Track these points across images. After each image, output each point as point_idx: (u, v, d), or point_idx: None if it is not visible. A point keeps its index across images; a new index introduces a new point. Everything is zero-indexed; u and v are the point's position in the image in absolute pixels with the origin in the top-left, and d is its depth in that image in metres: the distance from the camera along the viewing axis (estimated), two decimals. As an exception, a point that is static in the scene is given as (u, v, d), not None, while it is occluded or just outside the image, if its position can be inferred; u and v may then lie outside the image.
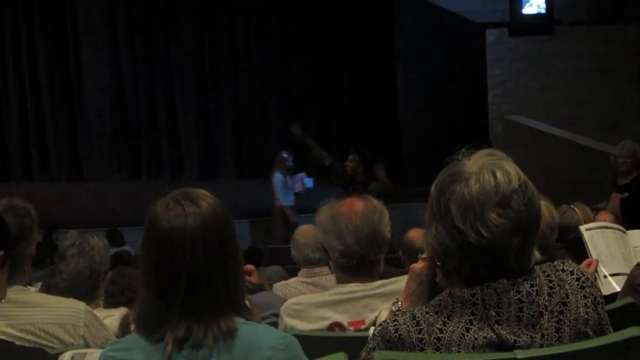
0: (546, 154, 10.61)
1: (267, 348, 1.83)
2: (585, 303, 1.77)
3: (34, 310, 2.55)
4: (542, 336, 1.72)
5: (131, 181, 15.51)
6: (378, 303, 2.69)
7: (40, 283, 3.77)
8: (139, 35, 15.98)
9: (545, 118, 11.66)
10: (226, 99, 15.87)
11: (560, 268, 1.80)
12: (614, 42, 12.22)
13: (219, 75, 15.87)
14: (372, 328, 2.49)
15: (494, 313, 1.71)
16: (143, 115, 16.10)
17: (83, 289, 3.22)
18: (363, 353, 1.83)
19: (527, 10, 12.25)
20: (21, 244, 2.61)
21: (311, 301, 2.80)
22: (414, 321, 1.75)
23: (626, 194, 6.99)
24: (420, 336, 1.73)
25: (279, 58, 15.58)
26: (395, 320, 1.78)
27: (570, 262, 1.85)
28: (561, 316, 1.74)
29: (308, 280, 4.16)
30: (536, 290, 1.73)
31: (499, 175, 1.75)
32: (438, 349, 1.72)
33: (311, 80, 15.54)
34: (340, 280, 2.78)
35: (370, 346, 1.81)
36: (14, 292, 2.54)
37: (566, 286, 1.77)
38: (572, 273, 1.80)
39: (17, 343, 2.22)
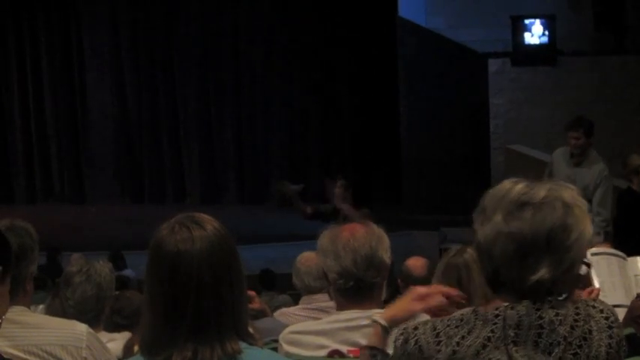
0: (548, 184, 10.61)
1: (269, 372, 1.85)
2: (609, 343, 1.75)
3: (37, 331, 2.57)
4: None
5: (134, 206, 15.55)
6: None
7: (41, 306, 3.79)
8: (143, 60, 16.09)
9: (547, 148, 11.66)
10: (229, 124, 15.94)
11: (591, 304, 1.80)
12: (615, 73, 12.28)
13: (222, 100, 15.96)
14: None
15: (512, 334, 1.72)
16: (146, 140, 16.16)
17: (89, 315, 3.23)
18: None
19: (529, 40, 12.32)
20: (22, 264, 2.62)
21: (309, 329, 2.81)
22: (434, 332, 1.77)
23: None
24: (438, 348, 1.75)
25: (281, 86, 15.66)
26: (416, 329, 1.80)
27: (602, 301, 1.85)
28: (579, 350, 1.73)
29: (309, 306, 4.16)
30: (560, 320, 1.73)
31: (520, 185, 1.80)
32: None
33: (313, 108, 15.61)
34: (340, 306, 2.79)
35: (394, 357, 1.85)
36: (16, 314, 2.56)
37: (592, 322, 1.75)
38: (601, 311, 1.78)
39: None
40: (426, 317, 2.22)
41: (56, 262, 9.71)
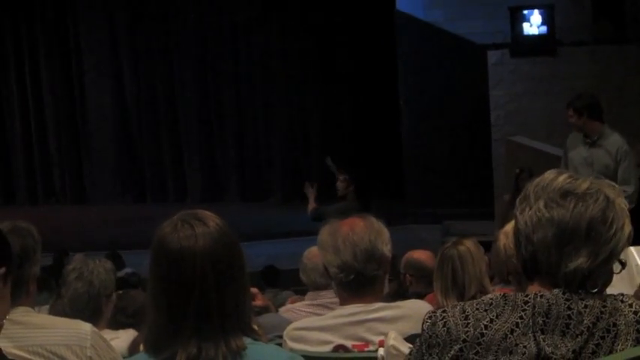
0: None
1: (274, 367, 1.85)
2: (637, 337, 1.75)
3: (41, 331, 2.57)
4: (581, 352, 1.73)
5: (135, 205, 15.56)
6: (382, 327, 2.70)
7: (46, 307, 3.80)
8: (143, 60, 16.10)
9: (547, 139, 11.67)
10: (229, 123, 15.95)
11: (620, 299, 1.80)
12: (615, 63, 12.25)
13: (222, 99, 15.96)
14: (380, 349, 2.51)
15: (541, 321, 1.73)
16: (147, 139, 16.17)
17: (86, 312, 3.23)
18: (414, 350, 1.86)
19: (528, 31, 12.29)
20: (25, 265, 2.62)
21: (313, 325, 2.82)
22: (463, 315, 1.78)
23: None
24: (466, 329, 1.76)
25: (281, 82, 15.66)
26: (444, 312, 1.81)
27: (630, 295, 1.84)
28: (601, 342, 1.74)
29: (314, 302, 4.16)
30: (587, 312, 1.74)
31: (564, 175, 1.83)
32: (478, 344, 1.74)
33: (313, 103, 15.61)
34: (342, 301, 2.80)
35: (417, 345, 1.85)
36: (20, 314, 2.56)
37: (619, 316, 1.76)
38: (630, 306, 1.79)
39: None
40: None
41: (62, 263, 9.70)
